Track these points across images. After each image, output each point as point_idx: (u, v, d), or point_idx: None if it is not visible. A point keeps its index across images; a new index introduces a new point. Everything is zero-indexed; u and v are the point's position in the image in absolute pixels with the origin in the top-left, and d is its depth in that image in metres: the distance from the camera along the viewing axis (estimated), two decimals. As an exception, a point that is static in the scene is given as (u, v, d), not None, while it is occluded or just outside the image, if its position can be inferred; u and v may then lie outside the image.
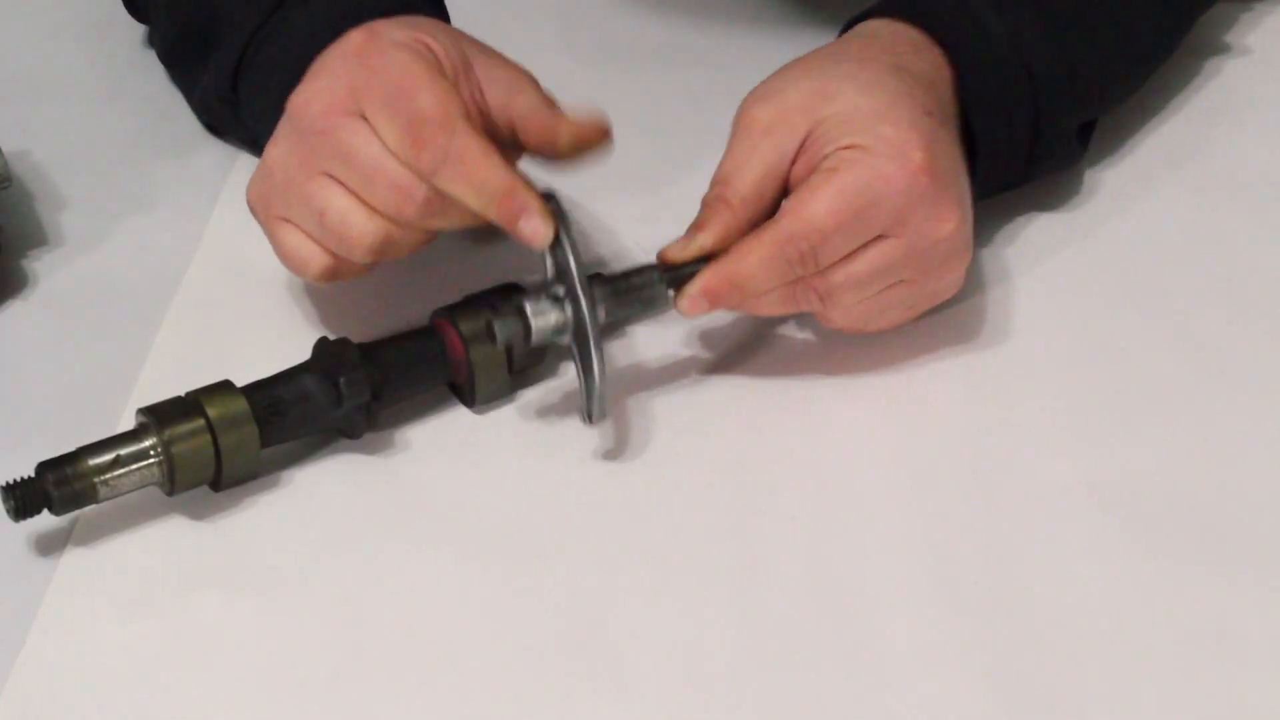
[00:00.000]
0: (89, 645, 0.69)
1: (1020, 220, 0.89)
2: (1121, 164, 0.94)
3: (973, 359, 0.81)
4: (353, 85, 0.73)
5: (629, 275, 0.76)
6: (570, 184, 0.83)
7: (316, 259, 0.75)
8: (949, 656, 0.68)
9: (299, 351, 0.76)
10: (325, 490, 0.75)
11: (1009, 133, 0.82)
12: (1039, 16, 0.83)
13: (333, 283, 0.76)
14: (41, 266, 0.87)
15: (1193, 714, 0.67)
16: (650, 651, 0.68)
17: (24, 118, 0.94)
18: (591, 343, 0.74)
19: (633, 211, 0.89)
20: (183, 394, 0.73)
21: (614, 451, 0.77)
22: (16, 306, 0.85)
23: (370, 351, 0.76)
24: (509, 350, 0.77)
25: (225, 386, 0.74)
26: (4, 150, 0.86)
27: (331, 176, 0.73)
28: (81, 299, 0.84)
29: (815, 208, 0.74)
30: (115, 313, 0.80)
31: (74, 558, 0.72)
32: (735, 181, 0.76)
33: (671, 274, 0.76)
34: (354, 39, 0.75)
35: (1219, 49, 1.02)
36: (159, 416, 0.72)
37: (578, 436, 0.77)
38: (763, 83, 0.79)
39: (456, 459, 0.77)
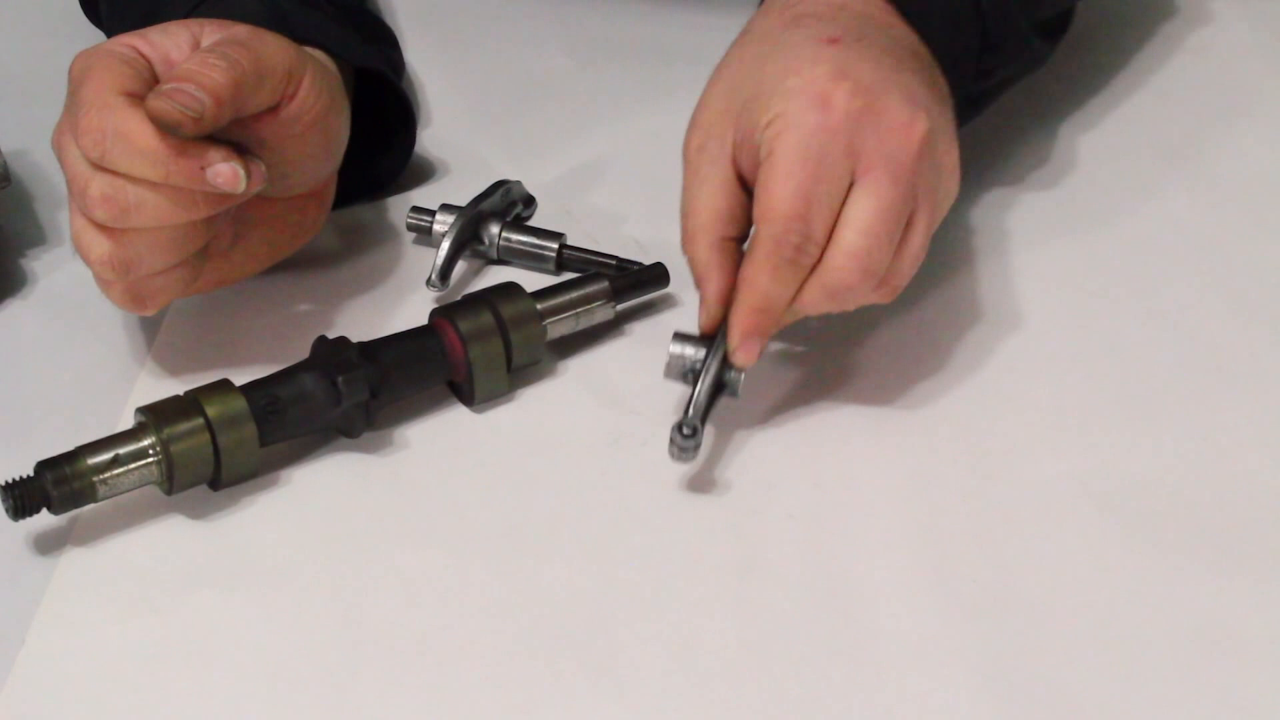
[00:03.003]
0: (89, 645, 0.69)
1: (1018, 218, 0.89)
2: (1120, 162, 0.94)
3: (970, 357, 0.81)
4: (66, 108, 0.74)
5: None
6: (570, 181, 0.83)
7: (106, 289, 0.75)
8: (947, 655, 0.68)
9: (299, 351, 0.76)
10: (324, 489, 0.75)
11: (953, 33, 0.79)
12: None
13: (151, 308, 0.76)
14: (41, 266, 0.87)
15: (1191, 713, 0.67)
16: (649, 650, 0.68)
17: (24, 118, 0.94)
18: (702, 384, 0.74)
19: (633, 209, 0.89)
20: (182, 393, 0.73)
21: (612, 451, 0.77)
22: (16, 306, 0.85)
23: (369, 350, 0.76)
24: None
25: (224, 385, 0.74)
26: (4, 150, 0.86)
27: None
28: (81, 299, 0.84)
29: (776, 199, 0.71)
30: (115, 313, 0.80)
31: (73, 557, 0.72)
32: (693, 214, 0.75)
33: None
34: (75, 62, 0.75)
35: (1218, 46, 1.02)
36: (158, 415, 0.72)
37: (577, 436, 0.77)
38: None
39: (456, 458, 0.77)
